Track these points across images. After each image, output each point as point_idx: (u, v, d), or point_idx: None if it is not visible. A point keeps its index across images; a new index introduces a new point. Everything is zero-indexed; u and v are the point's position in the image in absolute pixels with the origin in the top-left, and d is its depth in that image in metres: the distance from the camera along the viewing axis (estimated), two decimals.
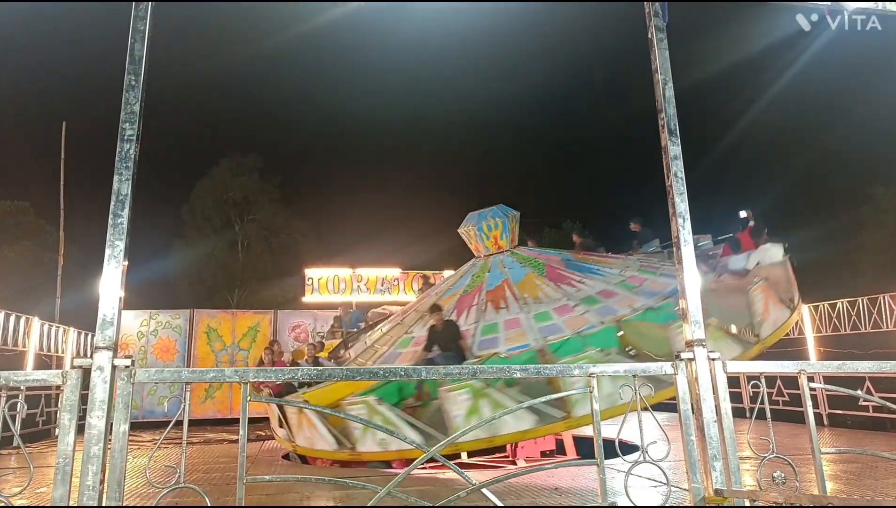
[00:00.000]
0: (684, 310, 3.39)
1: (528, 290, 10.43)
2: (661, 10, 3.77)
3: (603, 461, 3.12)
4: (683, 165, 3.58)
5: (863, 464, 7.30)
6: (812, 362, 8.24)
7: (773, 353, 14.09)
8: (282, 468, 9.44)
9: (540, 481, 6.97)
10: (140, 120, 3.08)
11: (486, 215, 11.54)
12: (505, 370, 4.22)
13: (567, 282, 10.57)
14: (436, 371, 3.52)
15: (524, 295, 10.31)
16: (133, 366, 2.81)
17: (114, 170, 2.96)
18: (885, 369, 3.78)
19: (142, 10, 3.19)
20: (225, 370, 3.02)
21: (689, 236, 3.49)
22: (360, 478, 3.68)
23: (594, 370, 3.28)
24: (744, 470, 3.64)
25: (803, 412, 3.31)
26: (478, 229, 11.53)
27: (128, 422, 2.76)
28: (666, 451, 3.18)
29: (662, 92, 3.66)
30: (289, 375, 3.44)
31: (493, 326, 9.71)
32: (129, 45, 3.11)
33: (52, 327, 14.34)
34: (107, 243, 2.88)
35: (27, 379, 2.92)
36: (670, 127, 3.61)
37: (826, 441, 9.92)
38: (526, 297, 10.25)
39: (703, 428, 3.16)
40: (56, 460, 2.58)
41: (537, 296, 10.22)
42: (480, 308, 10.26)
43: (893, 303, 11.73)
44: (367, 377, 4.62)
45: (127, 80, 3.07)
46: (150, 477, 2.99)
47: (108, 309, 2.81)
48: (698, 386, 3.22)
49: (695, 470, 3.16)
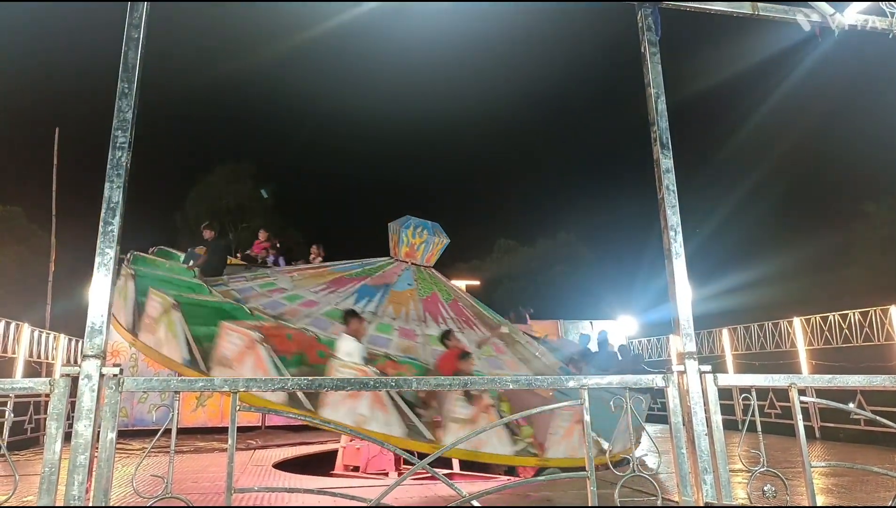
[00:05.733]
0: (676, 323, 3.40)
1: (430, 308, 10.66)
2: (653, 24, 3.80)
3: (594, 472, 3.11)
4: (675, 178, 3.61)
5: (853, 478, 7.31)
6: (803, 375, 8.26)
7: (765, 366, 14.16)
8: (271, 478, 9.37)
9: (531, 492, 6.95)
10: (132, 128, 3.08)
11: (417, 223, 11.68)
12: (497, 382, 4.21)
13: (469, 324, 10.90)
14: (426, 382, 3.51)
15: (426, 313, 10.53)
16: (121, 374, 2.80)
17: (105, 177, 2.95)
18: (875, 382, 3.79)
19: (136, 18, 3.20)
20: (214, 380, 3.01)
21: (680, 249, 3.51)
22: (351, 488, 3.66)
23: (586, 381, 3.29)
24: (735, 483, 3.64)
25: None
26: (429, 237, 11.67)
27: (115, 431, 2.74)
28: (657, 463, 3.17)
29: (655, 105, 3.69)
30: (278, 385, 3.43)
31: (386, 327, 9.82)
32: (123, 52, 3.12)
33: (42, 333, 14.23)
34: (97, 251, 2.87)
35: (14, 387, 2.89)
36: (662, 140, 3.63)
37: (817, 455, 9.93)
38: (426, 315, 10.48)
39: (694, 441, 3.16)
40: (42, 468, 2.56)
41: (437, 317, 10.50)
42: (419, 312, 10.38)
43: (885, 317, 11.79)
44: (358, 387, 4.60)
45: (120, 87, 3.07)
46: (137, 487, 2.96)
47: (96, 317, 2.79)
48: (689, 399, 3.23)
49: (685, 483, 3.16)
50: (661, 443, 3.24)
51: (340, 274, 11.31)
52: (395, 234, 11.77)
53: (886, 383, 3.79)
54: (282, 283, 10.90)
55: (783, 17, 4.27)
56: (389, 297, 10.54)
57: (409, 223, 11.62)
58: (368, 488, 7.16)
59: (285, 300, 10.11)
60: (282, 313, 9.59)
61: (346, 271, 11.40)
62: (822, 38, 4.27)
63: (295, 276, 11.46)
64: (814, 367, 13.16)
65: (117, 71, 3.11)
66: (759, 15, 4.18)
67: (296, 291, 10.63)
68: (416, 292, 10.89)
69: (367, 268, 11.41)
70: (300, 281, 11.11)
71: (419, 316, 10.40)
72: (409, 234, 11.54)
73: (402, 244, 11.63)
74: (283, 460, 10.70)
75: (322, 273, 11.54)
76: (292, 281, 11.08)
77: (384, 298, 10.51)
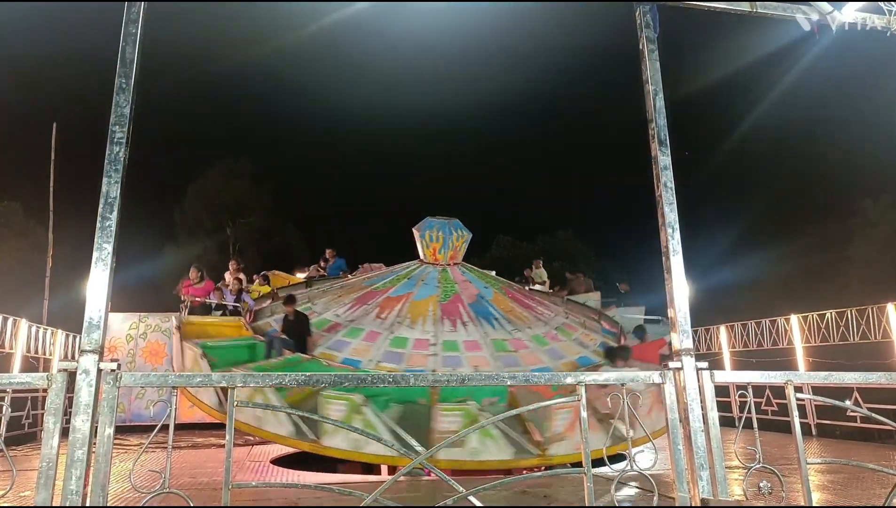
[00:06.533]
0: (672, 319, 3.40)
1: (502, 304, 10.62)
2: (651, 21, 3.80)
3: (590, 469, 3.12)
4: (673, 176, 3.61)
5: (849, 474, 7.33)
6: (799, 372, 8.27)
7: (761, 363, 14.19)
8: (269, 473, 9.38)
9: (528, 489, 6.96)
10: (130, 123, 3.07)
11: (455, 226, 11.79)
12: (494, 378, 4.22)
13: (529, 309, 10.93)
14: (424, 378, 3.51)
15: (500, 310, 10.53)
16: (119, 370, 2.80)
17: (103, 172, 2.94)
18: (871, 379, 3.81)
19: (133, 14, 3.19)
20: (212, 375, 3.01)
21: (678, 246, 3.51)
22: (347, 485, 3.66)
23: (583, 377, 3.29)
24: (731, 480, 3.65)
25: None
26: (446, 238, 11.76)
27: (113, 426, 2.74)
28: (653, 460, 3.18)
29: (653, 102, 3.69)
30: (275, 381, 3.42)
31: (452, 344, 9.77)
32: (121, 48, 3.11)
33: (39, 328, 14.21)
34: (94, 246, 2.86)
35: (11, 382, 2.89)
36: (660, 137, 3.63)
37: (814, 452, 9.95)
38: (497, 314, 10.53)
39: (691, 437, 3.17)
40: (39, 464, 2.56)
41: (516, 316, 10.46)
42: (436, 318, 10.37)
43: (881, 314, 11.81)
44: (356, 383, 4.61)
45: (118, 82, 3.07)
46: (134, 482, 2.97)
47: (94, 312, 2.79)
48: (686, 395, 3.23)
49: (681, 479, 3.17)
50: (657, 440, 3.25)
51: (368, 288, 11.45)
52: (418, 238, 11.91)
53: (882, 380, 3.80)
54: (318, 308, 10.97)
55: (781, 14, 4.27)
56: (409, 307, 10.61)
57: (428, 225, 11.75)
58: (366, 483, 7.17)
59: (348, 338, 10.07)
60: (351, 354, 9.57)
61: (373, 284, 11.49)
62: (821, 35, 4.27)
63: (330, 290, 11.76)
64: (811, 364, 13.20)
65: (115, 66, 3.10)
66: (758, 12, 4.18)
67: (333, 313, 10.77)
68: (437, 298, 10.94)
69: (394, 278, 11.53)
70: (332, 299, 11.33)
71: (475, 320, 10.41)
72: (427, 237, 11.70)
73: (425, 247, 11.80)
74: (280, 455, 10.70)
75: (354, 287, 11.73)
76: (326, 302, 11.29)
77: (405, 308, 10.59)
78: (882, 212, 28.23)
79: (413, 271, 11.76)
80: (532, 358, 9.65)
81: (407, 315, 10.48)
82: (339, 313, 10.64)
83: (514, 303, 11.23)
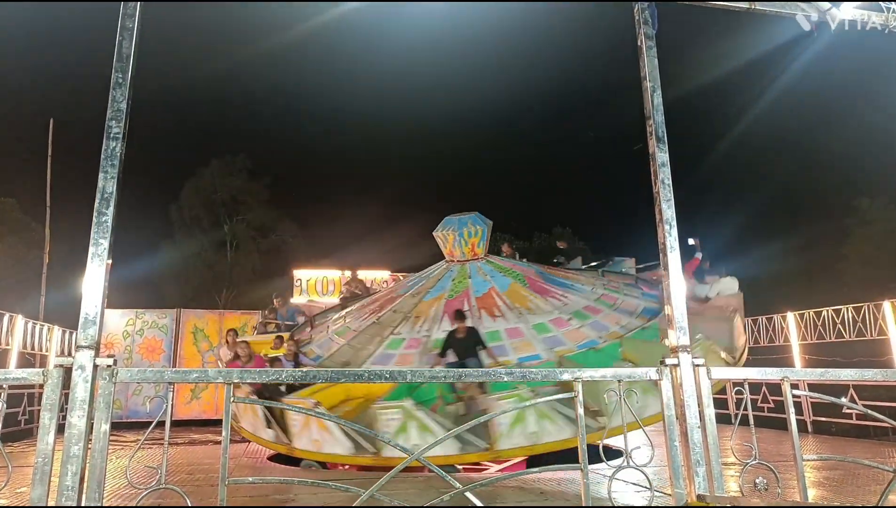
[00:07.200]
0: (669, 316, 3.40)
1: (518, 300, 10.58)
2: (650, 17, 3.80)
3: (587, 465, 3.12)
4: (671, 172, 3.61)
5: (845, 471, 7.36)
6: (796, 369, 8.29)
7: (758, 360, 14.22)
8: (266, 470, 9.38)
9: (525, 485, 6.97)
10: (127, 118, 3.06)
11: (467, 221, 11.84)
12: (491, 374, 4.22)
13: (551, 295, 10.86)
14: (420, 374, 3.51)
15: (515, 304, 10.44)
16: (115, 366, 2.79)
17: (99, 168, 2.93)
18: (866, 377, 3.82)
19: (130, 8, 3.17)
20: (209, 371, 3.00)
21: (675, 243, 3.51)
22: (343, 481, 3.66)
23: (580, 374, 3.29)
24: (727, 476, 3.66)
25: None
26: (458, 235, 11.79)
27: (109, 422, 2.74)
28: (650, 456, 3.18)
29: (651, 99, 3.69)
30: (272, 376, 3.42)
31: (495, 333, 9.74)
32: (118, 42, 3.10)
33: (36, 325, 14.18)
34: (91, 242, 2.85)
35: (7, 377, 2.88)
36: (658, 134, 3.63)
37: (809, 448, 9.99)
38: (518, 307, 10.42)
39: (687, 434, 3.17)
40: (35, 460, 2.56)
41: (528, 306, 10.43)
42: (474, 315, 10.30)
43: (878, 312, 11.85)
44: (352, 379, 4.60)
45: (114, 77, 3.05)
46: (130, 478, 2.97)
47: (90, 308, 2.78)
48: (682, 392, 3.24)
49: (678, 476, 3.18)
50: (654, 436, 3.25)
51: (391, 294, 11.75)
52: (448, 238, 12.03)
53: (878, 377, 3.82)
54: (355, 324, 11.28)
55: (779, 11, 4.27)
56: (476, 305, 10.65)
57: (461, 223, 11.85)
58: (362, 480, 7.17)
59: (390, 349, 10.11)
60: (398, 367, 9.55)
61: (440, 293, 11.49)
62: (819, 33, 4.27)
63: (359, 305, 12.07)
64: (807, 361, 13.24)
65: (111, 61, 3.09)
66: (756, 10, 4.18)
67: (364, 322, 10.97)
68: (496, 289, 10.98)
69: (454, 283, 11.56)
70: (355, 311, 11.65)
71: (512, 309, 10.41)
72: (465, 234, 11.81)
73: (462, 245, 11.94)
74: (277, 452, 10.70)
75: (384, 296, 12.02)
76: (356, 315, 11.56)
77: (472, 307, 10.62)
78: (878, 210, 28.30)
79: (435, 271, 12.01)
80: (578, 335, 9.59)
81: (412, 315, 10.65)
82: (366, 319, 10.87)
83: (532, 293, 11.05)
